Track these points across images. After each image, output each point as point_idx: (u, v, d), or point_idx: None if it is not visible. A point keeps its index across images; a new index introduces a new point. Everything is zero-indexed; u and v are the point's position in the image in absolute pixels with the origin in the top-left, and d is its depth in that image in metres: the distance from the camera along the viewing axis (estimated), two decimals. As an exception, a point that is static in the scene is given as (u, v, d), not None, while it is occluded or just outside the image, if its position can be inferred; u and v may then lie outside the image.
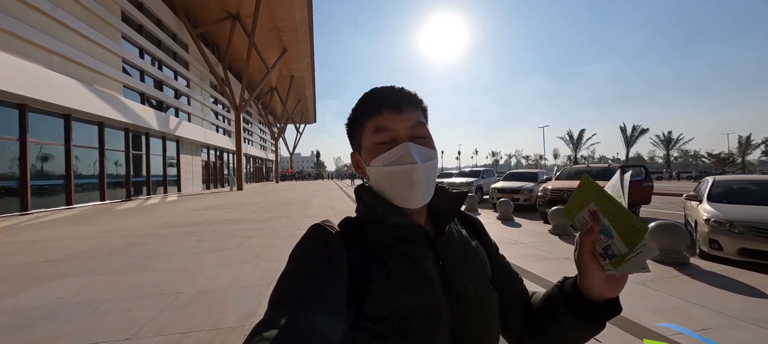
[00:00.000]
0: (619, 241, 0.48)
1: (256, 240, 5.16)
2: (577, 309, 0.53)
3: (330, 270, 0.47)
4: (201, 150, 22.00)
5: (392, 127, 0.55)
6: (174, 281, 3.23)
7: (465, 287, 0.54)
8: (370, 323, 0.48)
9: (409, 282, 0.51)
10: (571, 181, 8.04)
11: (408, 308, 0.49)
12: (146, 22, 15.02)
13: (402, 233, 0.55)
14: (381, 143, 0.55)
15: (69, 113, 10.79)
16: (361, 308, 0.48)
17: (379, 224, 0.56)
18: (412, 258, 0.53)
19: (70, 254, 4.35)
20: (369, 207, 0.58)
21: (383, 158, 0.54)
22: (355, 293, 0.48)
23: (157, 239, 5.34)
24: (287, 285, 0.45)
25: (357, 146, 0.60)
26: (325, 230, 0.53)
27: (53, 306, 2.64)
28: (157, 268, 3.69)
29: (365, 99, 0.58)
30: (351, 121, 0.60)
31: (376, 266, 0.51)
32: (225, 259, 4.05)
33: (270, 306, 0.43)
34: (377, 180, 0.56)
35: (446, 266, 0.55)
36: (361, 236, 0.55)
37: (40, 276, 3.44)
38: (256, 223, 6.92)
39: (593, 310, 0.52)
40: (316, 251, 0.49)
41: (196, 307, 2.60)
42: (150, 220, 7.56)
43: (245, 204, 11.08)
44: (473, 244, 0.61)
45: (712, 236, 4.00)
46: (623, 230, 0.48)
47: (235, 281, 3.24)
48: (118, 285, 3.13)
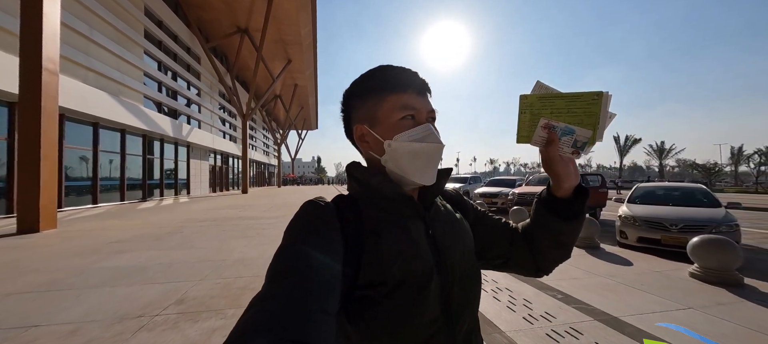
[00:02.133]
0: (582, 129, 0.53)
1: (271, 231, 6.37)
2: (559, 210, 0.61)
3: (325, 244, 0.48)
4: (209, 155, 23.28)
5: (417, 106, 0.56)
6: (215, 253, 4.44)
7: (453, 256, 0.57)
8: (364, 290, 0.50)
9: (401, 249, 0.52)
10: (535, 187, 9.25)
11: (401, 274, 0.51)
12: (165, 37, 16.42)
13: (393, 206, 0.57)
14: (405, 118, 0.56)
15: (97, 121, 12.07)
16: (355, 278, 0.49)
17: (372, 198, 0.58)
18: (403, 228, 0.55)
19: (126, 238, 5.55)
20: (361, 182, 0.59)
21: (409, 134, 0.55)
22: (349, 264, 0.49)
23: (189, 229, 6.54)
24: (283, 259, 0.45)
25: (368, 117, 0.59)
26: (318, 205, 0.54)
27: (140, 266, 3.83)
28: (199, 247, 4.89)
29: (387, 73, 0.58)
30: (360, 92, 0.60)
31: (369, 237, 0.52)
32: (249, 243, 5.25)
33: (267, 280, 0.43)
34: (398, 156, 0.56)
35: (435, 236, 0.58)
36: (355, 211, 0.55)
37: (117, 250, 4.64)
38: (267, 220, 8.12)
39: (571, 205, 0.61)
40: (311, 225, 0.50)
41: (239, 266, 3.80)
42: (173, 217, 8.76)
43: (253, 205, 12.29)
44: (458, 216, 0.66)
45: (622, 228, 5.25)
46: (581, 113, 0.52)
47: (260, 254, 4.44)
48: (177, 256, 4.33)
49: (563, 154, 0.56)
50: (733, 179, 54.88)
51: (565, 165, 0.57)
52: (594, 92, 0.50)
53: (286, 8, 19.04)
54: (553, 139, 0.56)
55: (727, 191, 32.98)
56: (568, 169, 0.58)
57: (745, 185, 48.47)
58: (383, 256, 0.51)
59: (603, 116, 0.51)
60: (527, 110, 0.56)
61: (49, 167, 6.32)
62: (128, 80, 13.36)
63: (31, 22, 6.13)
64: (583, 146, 0.54)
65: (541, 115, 0.55)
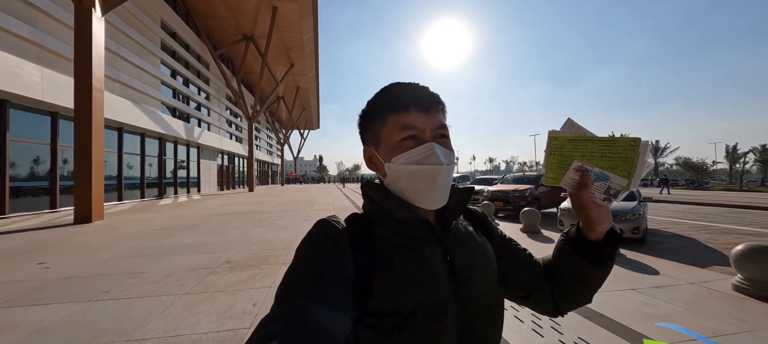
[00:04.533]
0: (617, 177, 0.50)
1: (281, 222, 7.70)
2: (588, 254, 0.57)
3: (335, 267, 0.47)
4: (217, 155, 24.69)
5: (419, 125, 0.54)
6: (241, 236, 5.77)
7: (474, 284, 0.54)
8: (374, 319, 0.48)
9: (414, 278, 0.50)
10: (509, 185, 10.52)
11: (413, 305, 0.48)
12: (178, 48, 17.78)
13: (409, 230, 0.55)
14: (405, 139, 0.54)
15: (121, 126, 13.44)
16: (365, 304, 0.48)
17: (386, 220, 0.56)
18: (418, 254, 0.52)
19: (166, 227, 6.89)
20: (376, 204, 0.58)
21: (407, 156, 0.53)
22: (359, 289, 0.48)
23: (213, 221, 7.88)
24: (294, 280, 0.45)
25: (374, 140, 0.58)
26: (331, 226, 0.53)
27: (188, 244, 5.16)
28: (226, 233, 6.22)
29: (391, 93, 0.57)
30: (369, 113, 0.59)
31: (381, 262, 0.51)
32: (265, 229, 6.58)
33: (276, 300, 0.43)
34: (397, 178, 0.55)
35: (454, 262, 0.54)
36: (367, 232, 0.54)
37: (164, 235, 5.97)
38: (277, 214, 9.46)
39: (602, 249, 0.57)
40: (322, 246, 0.50)
41: (261, 244, 5.12)
42: (194, 212, 10.10)
43: (262, 202, 13.65)
44: (480, 240, 0.61)
45: (560, 218, 6.54)
46: (616, 159, 0.49)
47: (276, 237, 5.76)
48: (213, 238, 5.65)
49: (594, 200, 0.53)
50: (729, 178, 55.78)
51: (599, 209, 0.55)
52: (631, 138, 0.48)
53: (288, 17, 20.32)
54: (587, 183, 0.53)
55: (714, 190, 34.10)
56: (601, 213, 0.55)
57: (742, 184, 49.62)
58: (395, 283, 0.49)
59: (640, 164, 0.49)
60: (557, 151, 0.54)
61: (98, 168, 7.66)
62: (147, 89, 14.73)
63: (83, 49, 7.45)
64: (617, 194, 0.52)
65: (573, 157, 0.53)
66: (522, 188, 9.48)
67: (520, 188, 9.52)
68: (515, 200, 8.92)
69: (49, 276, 3.47)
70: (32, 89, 8.71)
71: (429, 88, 0.57)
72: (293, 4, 18.74)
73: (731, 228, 8.13)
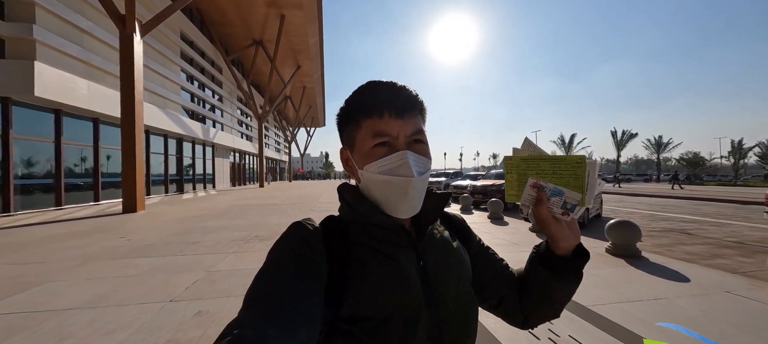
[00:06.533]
0: (571, 192, 0.52)
1: (293, 211, 9.20)
2: (554, 268, 0.58)
3: (307, 271, 0.47)
4: (229, 153, 26.38)
5: (392, 132, 0.52)
6: (261, 221, 7.25)
7: (446, 289, 0.54)
8: (348, 324, 0.48)
9: (388, 283, 0.50)
10: (490, 180, 11.81)
11: (386, 310, 0.49)
12: (195, 55, 19.37)
13: (383, 234, 0.55)
14: (377, 146, 0.53)
15: (149, 129, 15.07)
16: (338, 309, 0.48)
17: (361, 224, 0.56)
18: (392, 259, 0.52)
19: (199, 215, 8.41)
20: (352, 207, 0.58)
21: (379, 165, 0.52)
22: (332, 294, 0.48)
23: (234, 210, 9.40)
24: (262, 285, 0.45)
25: (349, 142, 0.57)
26: (306, 228, 0.53)
27: (222, 226, 6.65)
28: (249, 219, 7.71)
29: (364, 95, 0.55)
30: (344, 113, 0.57)
31: (355, 266, 0.51)
32: (280, 217, 8.06)
33: (244, 303, 0.43)
34: (369, 185, 0.55)
35: (427, 267, 0.54)
36: (342, 236, 0.54)
37: (200, 221, 7.48)
38: (288, 205, 10.96)
39: (569, 264, 0.58)
40: (295, 250, 0.49)
41: (279, 225, 6.57)
42: (215, 204, 11.66)
43: (273, 196, 15.20)
44: (455, 245, 0.62)
45: (521, 205, 7.86)
46: (567, 175, 0.52)
47: (290, 220, 7.20)
48: (239, 222, 7.13)
49: (553, 214, 0.55)
50: (734, 173, 55.74)
51: (559, 225, 0.56)
52: (577, 156, 0.51)
53: (295, 22, 21.73)
54: (542, 198, 0.55)
55: (708, 185, 34.78)
56: (562, 229, 0.56)
57: (743, 179, 49.84)
58: (368, 288, 0.49)
59: (591, 182, 0.51)
60: (513, 170, 0.57)
61: (140, 167, 9.23)
62: (170, 94, 16.34)
63: (127, 69, 8.98)
64: (573, 208, 0.54)
65: (528, 175, 0.55)
66: (498, 183, 10.88)
67: (497, 183, 10.91)
68: (492, 193, 10.24)
69: (135, 245, 4.97)
70: (81, 99, 10.32)
71: (406, 87, 0.55)
72: (299, 11, 20.14)
73: (669, 216, 9.49)
